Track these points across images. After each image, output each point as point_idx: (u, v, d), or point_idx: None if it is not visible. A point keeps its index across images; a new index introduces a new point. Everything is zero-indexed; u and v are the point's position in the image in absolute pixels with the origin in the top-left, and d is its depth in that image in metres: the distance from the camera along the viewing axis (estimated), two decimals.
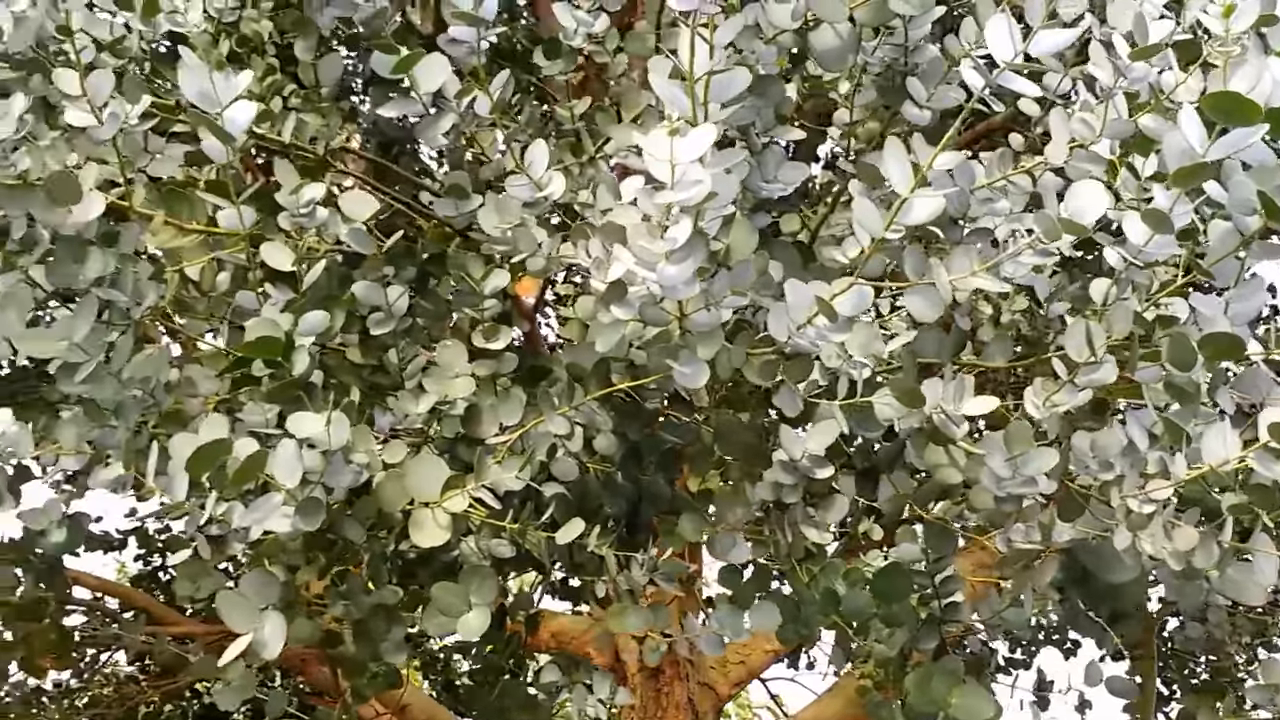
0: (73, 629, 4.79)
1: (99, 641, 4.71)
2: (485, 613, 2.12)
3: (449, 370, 2.24)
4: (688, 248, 1.48)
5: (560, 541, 2.16)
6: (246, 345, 1.87)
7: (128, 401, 2.01)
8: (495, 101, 1.97)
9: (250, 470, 1.79)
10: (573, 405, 2.12)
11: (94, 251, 1.94)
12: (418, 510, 2.14)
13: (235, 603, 1.91)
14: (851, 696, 5.34)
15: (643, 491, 2.34)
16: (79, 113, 1.74)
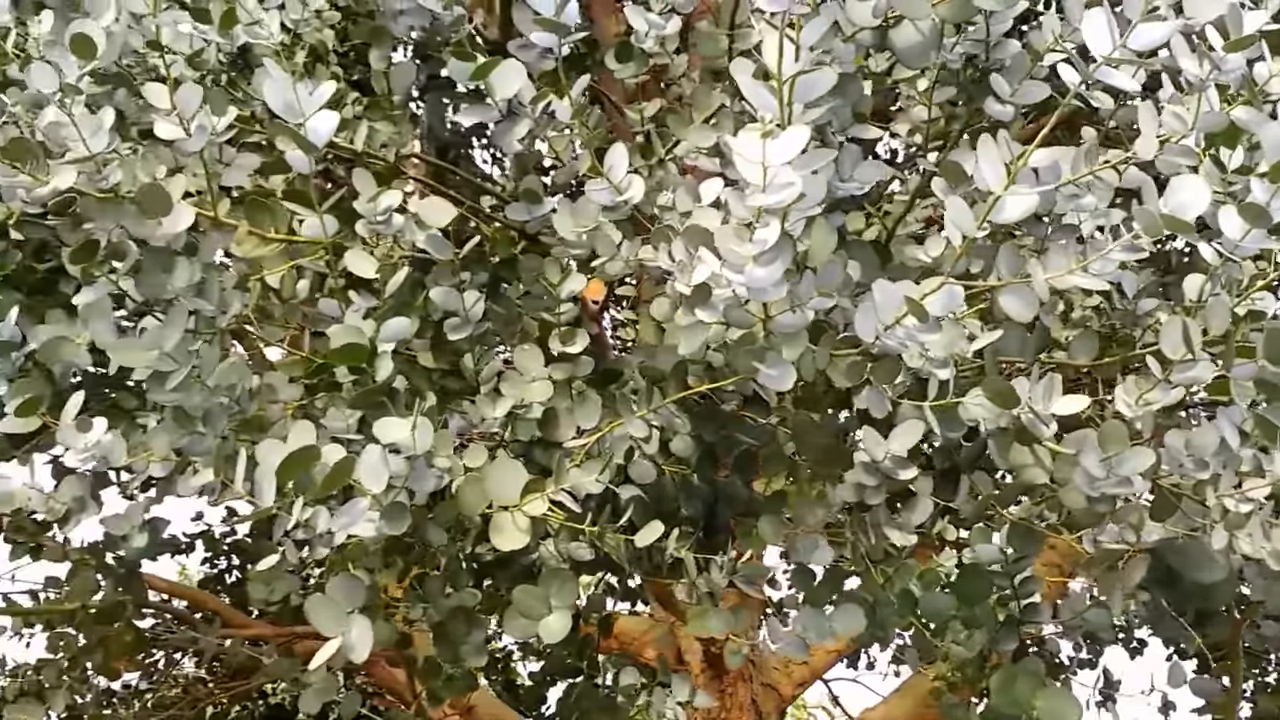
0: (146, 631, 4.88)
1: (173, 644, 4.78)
2: (566, 615, 2.12)
3: (527, 374, 2.25)
4: (776, 250, 1.48)
5: (639, 544, 2.16)
6: (333, 352, 1.89)
7: (215, 409, 2.04)
8: (576, 106, 1.97)
9: (339, 476, 1.81)
10: (651, 408, 2.12)
11: (181, 261, 1.98)
12: (497, 514, 2.15)
13: (324, 606, 1.93)
14: (922, 696, 5.30)
15: (719, 493, 2.33)
16: (168, 126, 1.77)
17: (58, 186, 1.68)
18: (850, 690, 18.27)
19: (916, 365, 1.80)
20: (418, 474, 1.95)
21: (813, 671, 6.54)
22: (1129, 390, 1.70)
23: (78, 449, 1.86)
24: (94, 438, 1.87)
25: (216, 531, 7.83)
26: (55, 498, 2.75)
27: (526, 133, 2.10)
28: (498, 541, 2.14)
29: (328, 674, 2.65)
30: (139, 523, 3.10)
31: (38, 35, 1.81)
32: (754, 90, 1.42)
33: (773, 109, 1.42)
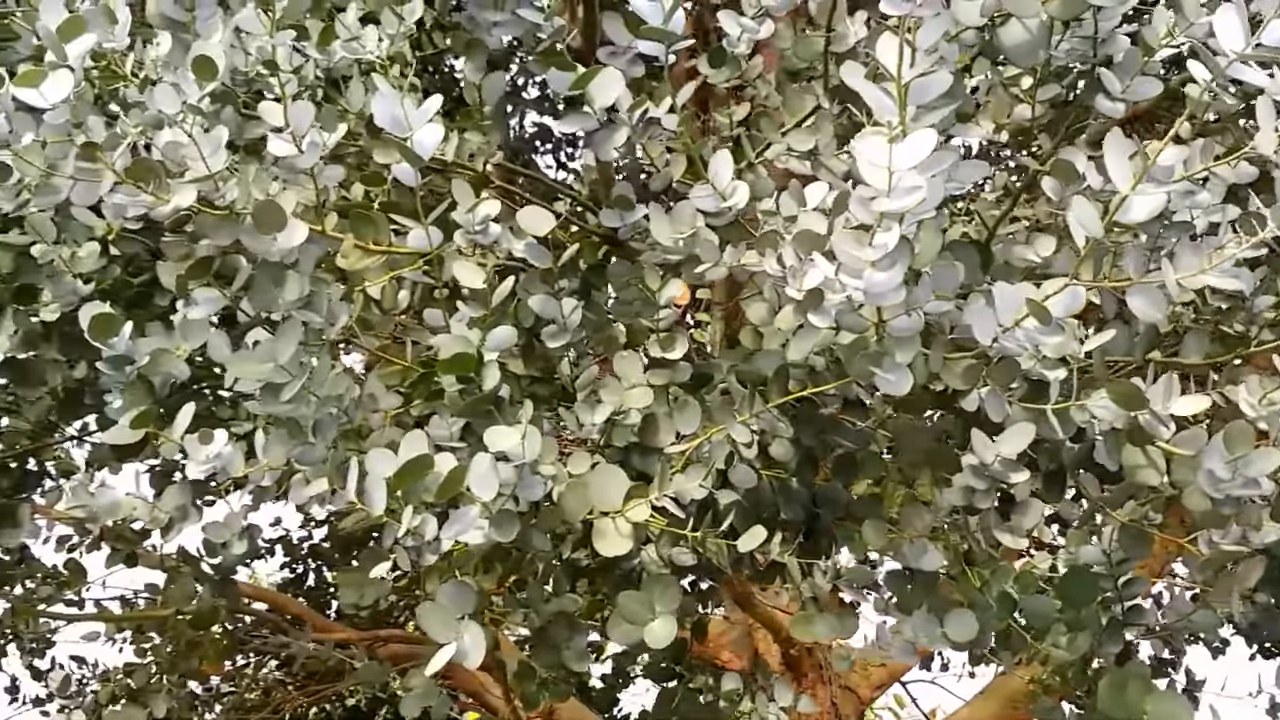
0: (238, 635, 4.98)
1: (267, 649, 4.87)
2: (671, 621, 2.13)
3: (626, 380, 2.26)
4: (895, 254, 1.47)
5: (742, 549, 2.16)
6: (443, 362, 1.91)
7: (324, 419, 2.08)
8: (682, 114, 1.98)
9: (452, 485, 1.83)
10: (754, 413, 2.12)
11: (291, 275, 2.01)
12: (600, 520, 2.16)
13: (435, 613, 1.95)
14: (1007, 698, 5.24)
15: (818, 497, 2.32)
16: (281, 143, 1.81)
17: (179, 205, 1.72)
18: (927, 692, 17.99)
19: (1027, 367, 1.78)
20: (526, 481, 1.97)
21: (890, 674, 6.49)
22: (1252, 390, 1.66)
23: (198, 460, 1.90)
24: (215, 449, 1.91)
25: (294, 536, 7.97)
26: (159, 506, 2.81)
27: (625, 140, 2.11)
28: (601, 547, 2.15)
29: (429, 680, 2.68)
30: (239, 530, 3.17)
31: (156, 57, 1.85)
32: (873, 94, 1.42)
33: (892, 112, 1.42)
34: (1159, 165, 1.49)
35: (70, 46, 1.64)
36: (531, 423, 1.95)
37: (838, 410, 2.31)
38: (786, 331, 2.15)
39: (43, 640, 5.19)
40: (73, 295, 2.89)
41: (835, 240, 1.48)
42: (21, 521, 3.46)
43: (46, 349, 3.26)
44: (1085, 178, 1.77)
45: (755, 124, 2.51)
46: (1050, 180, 1.76)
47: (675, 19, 1.80)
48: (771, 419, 2.11)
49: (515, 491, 1.97)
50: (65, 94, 1.63)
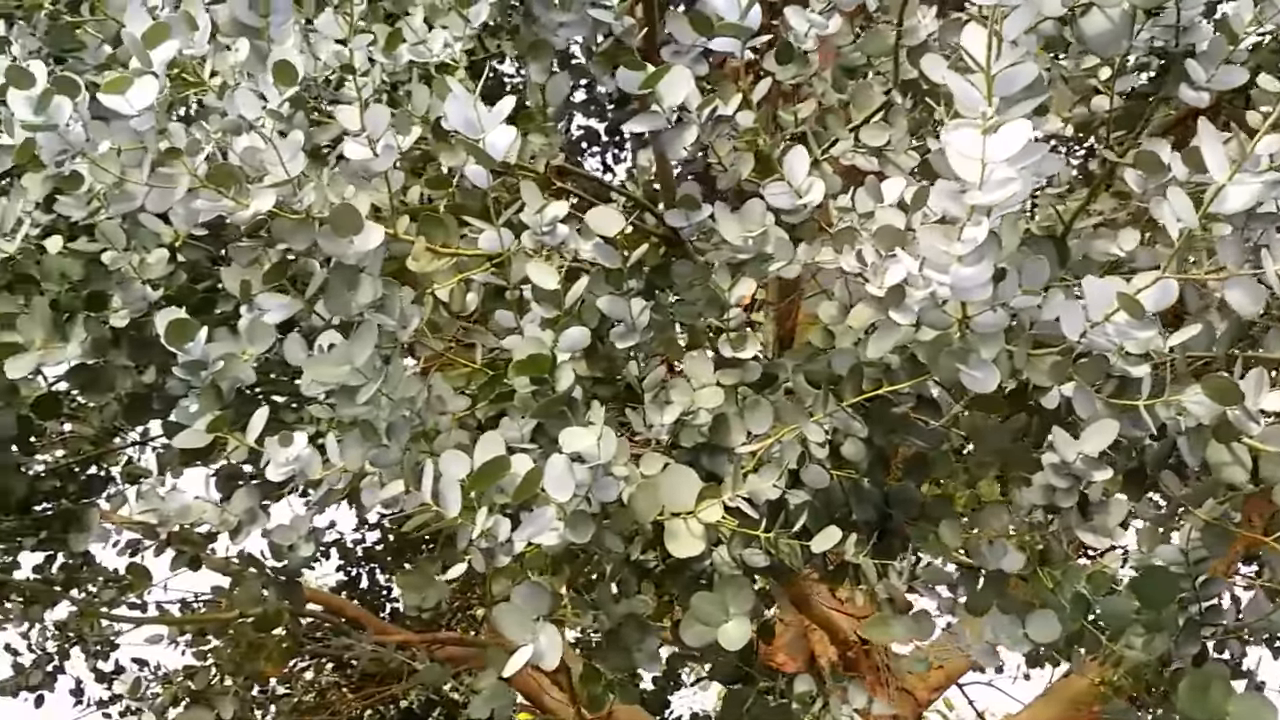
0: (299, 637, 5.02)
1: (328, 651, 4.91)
2: (745, 623, 2.11)
3: (696, 380, 2.25)
4: (983, 249, 1.45)
5: (816, 550, 2.14)
6: (518, 364, 1.91)
7: (398, 422, 2.08)
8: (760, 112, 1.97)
9: (529, 486, 1.83)
10: (828, 412, 2.10)
11: (365, 278, 2.02)
12: (671, 521, 2.15)
13: (512, 614, 1.95)
14: (1070, 700, 5.17)
15: (891, 498, 2.30)
16: (357, 147, 1.82)
17: (258, 209, 1.74)
18: (980, 695, 17.71)
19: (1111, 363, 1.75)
20: (601, 483, 1.96)
21: (948, 675, 6.42)
22: None
23: (279, 462, 1.91)
24: (295, 452, 1.92)
25: (348, 540, 8.04)
26: (228, 510, 2.84)
27: (695, 139, 2.10)
28: (673, 548, 2.14)
29: (498, 683, 2.68)
30: (305, 532, 3.19)
31: (234, 63, 1.87)
32: (960, 86, 1.40)
33: (980, 104, 1.39)
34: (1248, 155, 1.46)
35: (155, 53, 1.66)
36: (604, 423, 1.94)
37: (910, 409, 2.28)
38: (858, 330, 2.13)
39: (106, 643, 5.27)
40: (141, 301, 2.93)
41: (920, 235, 1.46)
42: (89, 525, 3.51)
43: (116, 355, 3.31)
44: (1170, 169, 1.73)
45: (821, 120, 2.49)
46: (1133, 172, 1.72)
47: (751, 14, 1.79)
48: (845, 418, 2.08)
49: (589, 493, 1.97)
50: (151, 101, 1.64)
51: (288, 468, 1.91)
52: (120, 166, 2.16)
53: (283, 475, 1.93)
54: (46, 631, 5.35)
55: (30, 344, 2.89)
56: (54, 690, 5.29)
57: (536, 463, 1.88)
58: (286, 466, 1.91)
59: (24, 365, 2.86)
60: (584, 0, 2.15)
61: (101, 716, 5.98)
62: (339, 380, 1.93)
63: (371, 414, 2.06)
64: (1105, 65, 2.04)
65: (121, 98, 1.66)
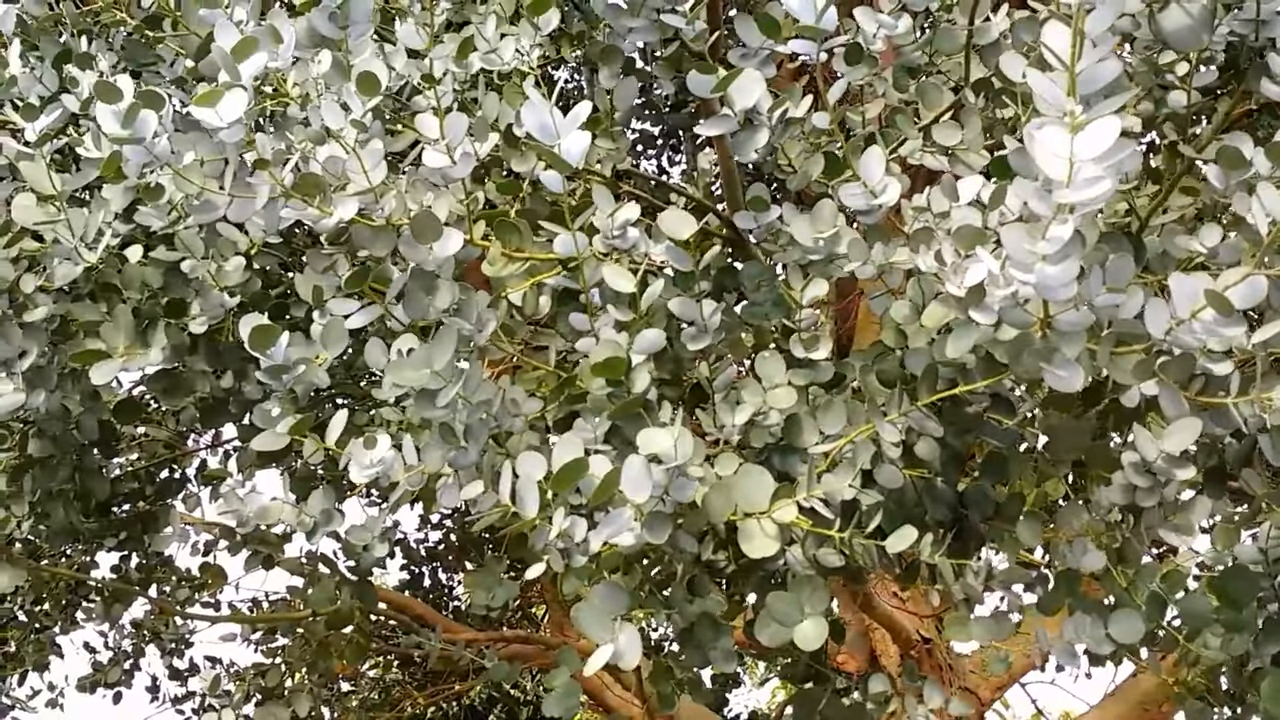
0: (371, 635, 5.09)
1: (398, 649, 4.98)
2: (821, 622, 2.12)
3: (769, 380, 2.26)
4: (1068, 247, 1.44)
5: (891, 550, 2.14)
6: (596, 366, 1.94)
7: (476, 424, 2.12)
8: (835, 111, 1.97)
9: (608, 487, 1.85)
10: (902, 411, 2.10)
11: (443, 283, 2.06)
12: (745, 521, 2.17)
13: (592, 613, 1.97)
14: (1138, 701, 5.11)
15: (966, 497, 2.29)
16: (436, 155, 1.85)
17: (342, 217, 1.77)
18: (1046, 694, 17.38)
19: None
20: (677, 484, 1.98)
21: (1011, 674, 6.36)
22: None
23: (363, 465, 1.95)
24: (379, 454, 1.96)
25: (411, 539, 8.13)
26: (305, 511, 2.89)
27: (766, 142, 2.11)
28: (747, 549, 2.16)
29: (570, 681, 2.71)
30: (379, 532, 3.25)
31: (317, 75, 1.91)
32: (1043, 84, 1.39)
33: (1063, 103, 1.39)
34: None
35: (243, 66, 1.70)
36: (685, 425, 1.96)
37: (984, 409, 2.28)
38: (931, 329, 2.13)
39: (182, 641, 5.39)
40: (219, 308, 3.00)
41: (1004, 235, 1.46)
42: (167, 525, 3.60)
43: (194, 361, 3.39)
44: (1253, 163, 1.71)
45: (889, 120, 2.49)
46: (1214, 168, 1.71)
47: (828, 17, 1.80)
48: (921, 417, 2.08)
49: (666, 493, 1.99)
50: (240, 113, 1.69)
51: (372, 470, 1.95)
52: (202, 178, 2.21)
53: (367, 478, 1.97)
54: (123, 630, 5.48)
55: (114, 350, 2.97)
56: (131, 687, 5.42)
57: (614, 464, 1.90)
58: (371, 469, 1.95)
59: (107, 371, 2.93)
60: (654, 6, 2.17)
61: (176, 713, 6.12)
62: (420, 383, 1.96)
63: (449, 416, 2.09)
64: (1182, 60, 2.02)
65: (212, 110, 1.71)
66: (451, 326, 1.94)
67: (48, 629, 5.59)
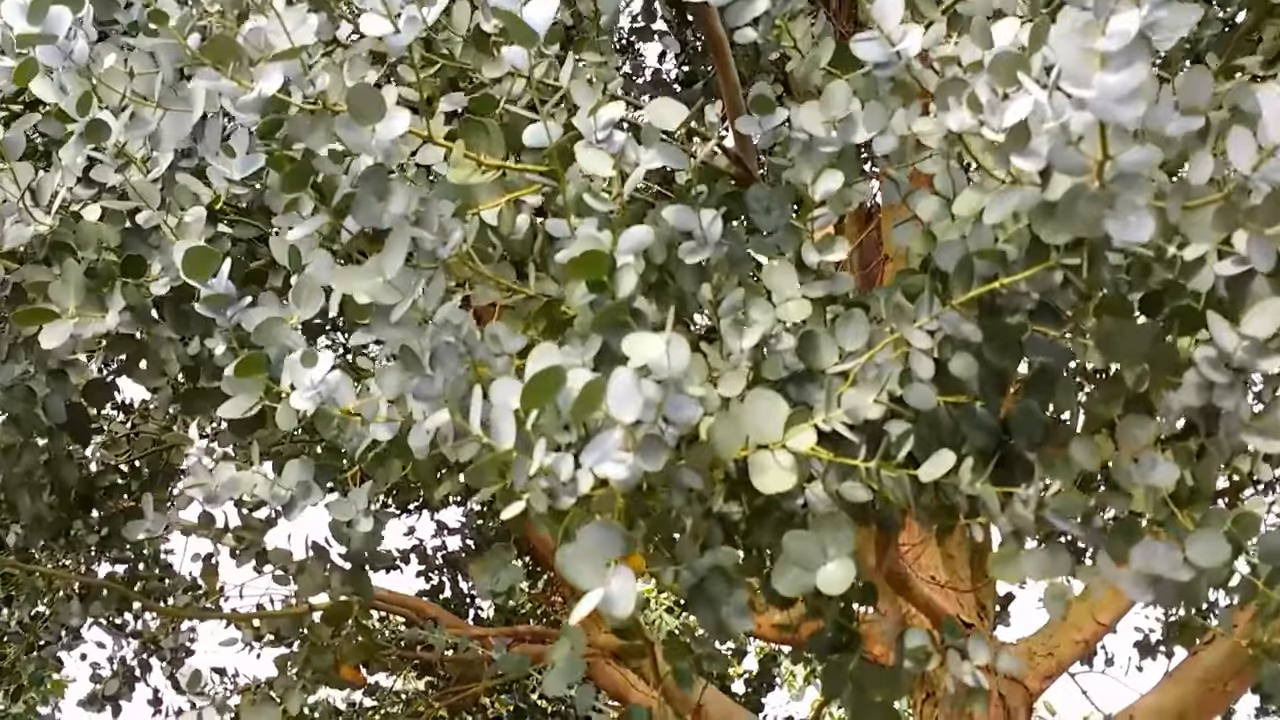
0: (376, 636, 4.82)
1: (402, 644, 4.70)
2: (848, 564, 1.83)
3: (780, 294, 1.97)
4: (1132, 49, 1.16)
5: (925, 478, 1.85)
6: (573, 263, 1.66)
7: (442, 348, 1.84)
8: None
9: (590, 400, 1.57)
10: (933, 315, 1.81)
11: (398, 185, 1.79)
12: (756, 454, 1.88)
13: (580, 558, 1.69)
14: (1199, 679, 4.76)
15: (1010, 421, 1.99)
16: (375, 20, 1.58)
17: (265, 90, 1.51)
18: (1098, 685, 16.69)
19: None
20: (673, 403, 1.69)
21: (1059, 664, 6.03)
22: None
23: (304, 386, 1.68)
24: (319, 374, 1.69)
25: (428, 546, 7.88)
26: (279, 483, 2.64)
27: (763, 12, 1.84)
28: (760, 483, 1.87)
29: (571, 654, 2.42)
30: (363, 507, 2.99)
31: None
32: None
33: None
34: None
35: None
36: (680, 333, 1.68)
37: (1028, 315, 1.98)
38: (966, 220, 1.84)
39: (182, 649, 5.14)
40: None
41: (1054, 40, 1.17)
42: (145, 515, 3.34)
43: (160, 329, 3.15)
44: None
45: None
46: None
47: None
48: (955, 320, 1.79)
49: (662, 414, 1.70)
50: None
51: (313, 393, 1.68)
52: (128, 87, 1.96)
53: (309, 402, 1.70)
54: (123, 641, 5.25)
55: (63, 312, 2.73)
56: (131, 700, 5.18)
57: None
58: (311, 391, 1.68)
59: (58, 334, 2.69)
60: None
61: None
62: (370, 294, 1.69)
63: (411, 339, 1.82)
64: None
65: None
66: (404, 228, 1.67)
67: (49, 643, 5.37)
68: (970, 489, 1.88)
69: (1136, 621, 10.19)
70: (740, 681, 8.60)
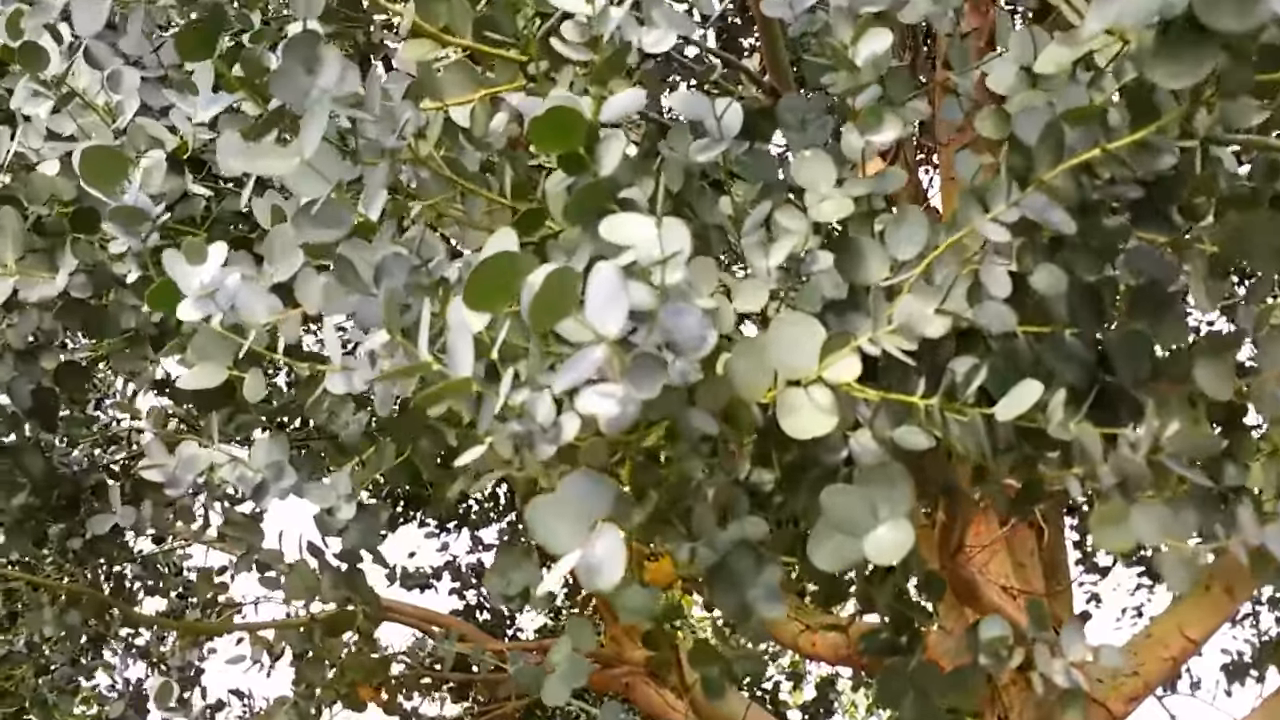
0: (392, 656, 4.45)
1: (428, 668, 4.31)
2: (905, 525, 1.41)
3: (815, 190, 1.57)
4: None
5: (1003, 415, 1.44)
6: (537, 125, 1.27)
7: (390, 260, 1.47)
8: None
9: (554, 298, 1.18)
10: (1012, 201, 1.40)
11: (329, 53, 1.43)
12: (787, 391, 1.48)
13: (553, 512, 1.30)
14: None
15: (1111, 350, 1.57)
16: None
17: None
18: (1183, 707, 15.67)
19: None
20: (673, 309, 1.30)
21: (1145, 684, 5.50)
22: None
23: (192, 291, 1.31)
24: (209, 273, 1.32)
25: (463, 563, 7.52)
26: (246, 465, 2.32)
27: None
28: (791, 427, 1.47)
29: (573, 655, 2.03)
30: (345, 492, 2.64)
31: None
32: None
33: None
34: None
35: None
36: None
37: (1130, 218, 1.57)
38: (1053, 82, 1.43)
39: (190, 668, 4.81)
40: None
41: None
42: (111, 504, 3.01)
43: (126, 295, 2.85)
44: None
45: None
46: None
47: None
48: (1041, 204, 1.38)
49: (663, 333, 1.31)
50: None
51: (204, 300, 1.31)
52: None
53: (200, 311, 1.33)
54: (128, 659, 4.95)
55: (3, 268, 2.42)
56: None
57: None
58: (202, 296, 1.31)
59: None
60: None
61: None
62: (286, 175, 1.33)
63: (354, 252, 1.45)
64: None
65: None
66: (324, 101, 1.30)
67: (58, 667, 5.07)
68: (1061, 432, 1.46)
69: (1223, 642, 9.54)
70: (797, 711, 8.11)
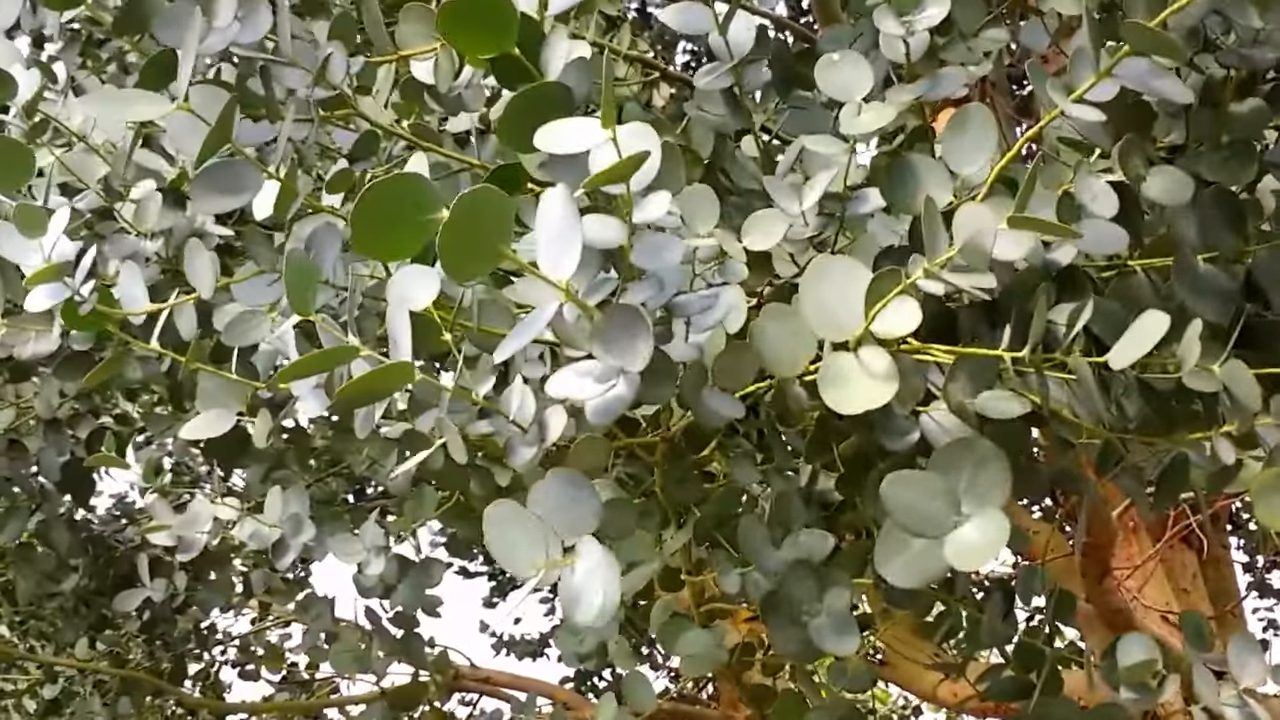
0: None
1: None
2: (996, 517, 1.04)
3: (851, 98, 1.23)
4: None
5: (1118, 361, 1.06)
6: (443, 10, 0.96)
7: (323, 230, 1.18)
8: None
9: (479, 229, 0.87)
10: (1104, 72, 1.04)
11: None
12: (830, 357, 1.13)
13: (514, 526, 0.97)
14: None
15: (1257, 275, 1.19)
16: None
17: None
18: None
19: None
20: (650, 244, 0.97)
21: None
22: None
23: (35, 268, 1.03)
24: (52, 239, 1.04)
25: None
26: (260, 519, 2.10)
27: None
28: (839, 401, 1.11)
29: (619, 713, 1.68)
30: (377, 545, 2.37)
31: None
32: None
33: None
34: None
35: None
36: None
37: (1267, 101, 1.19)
38: None
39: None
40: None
41: None
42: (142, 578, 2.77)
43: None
44: None
45: None
46: None
47: None
48: (1142, 72, 1.02)
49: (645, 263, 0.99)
50: None
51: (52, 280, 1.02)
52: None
53: (49, 298, 1.05)
54: None
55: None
56: None
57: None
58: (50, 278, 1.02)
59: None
60: None
61: None
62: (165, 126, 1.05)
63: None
64: None
65: None
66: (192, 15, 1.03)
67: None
68: (1202, 380, 1.08)
69: None
70: None
